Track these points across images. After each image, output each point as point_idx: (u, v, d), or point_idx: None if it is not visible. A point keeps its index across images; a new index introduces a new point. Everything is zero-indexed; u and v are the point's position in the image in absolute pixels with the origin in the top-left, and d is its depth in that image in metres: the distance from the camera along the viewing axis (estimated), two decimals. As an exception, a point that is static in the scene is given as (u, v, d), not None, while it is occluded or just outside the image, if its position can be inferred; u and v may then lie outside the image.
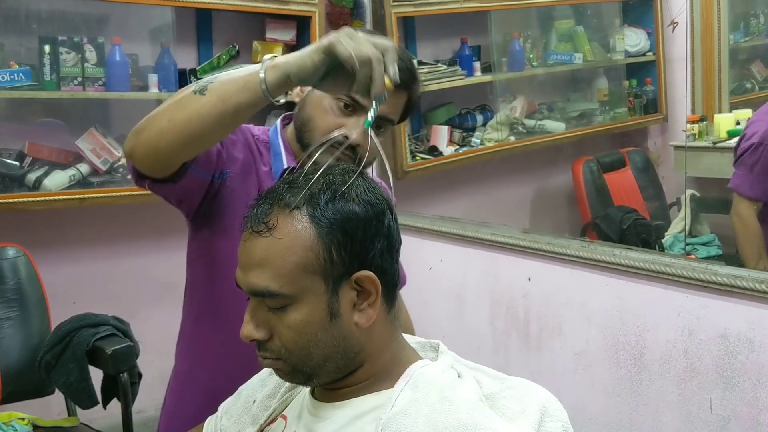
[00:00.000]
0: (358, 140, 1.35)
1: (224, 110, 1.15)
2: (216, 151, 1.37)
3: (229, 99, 1.14)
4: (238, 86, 1.14)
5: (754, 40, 3.68)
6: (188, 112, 1.17)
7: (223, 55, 3.02)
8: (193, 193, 1.38)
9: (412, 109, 1.47)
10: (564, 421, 1.00)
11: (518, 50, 3.64)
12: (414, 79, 1.43)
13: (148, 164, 1.30)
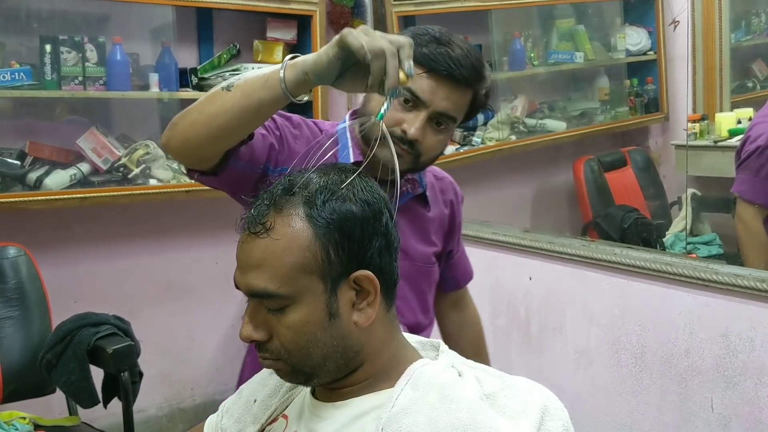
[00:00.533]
0: (414, 135, 1.37)
1: (247, 106, 1.20)
2: (267, 145, 1.39)
3: (252, 95, 1.19)
4: (260, 83, 1.18)
5: (755, 39, 3.68)
6: (215, 107, 1.23)
7: (224, 55, 3.02)
8: (239, 185, 1.38)
9: (478, 107, 1.46)
10: (565, 420, 1.00)
11: (519, 49, 3.64)
12: (478, 77, 1.41)
13: (181, 155, 1.38)
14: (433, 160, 1.47)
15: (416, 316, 1.62)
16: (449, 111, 1.40)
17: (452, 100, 1.39)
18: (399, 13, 3.12)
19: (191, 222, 3.08)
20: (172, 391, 3.12)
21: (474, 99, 1.43)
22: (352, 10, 3.14)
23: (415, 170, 1.49)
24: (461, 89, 1.39)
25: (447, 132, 1.44)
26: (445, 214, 1.66)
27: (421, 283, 1.62)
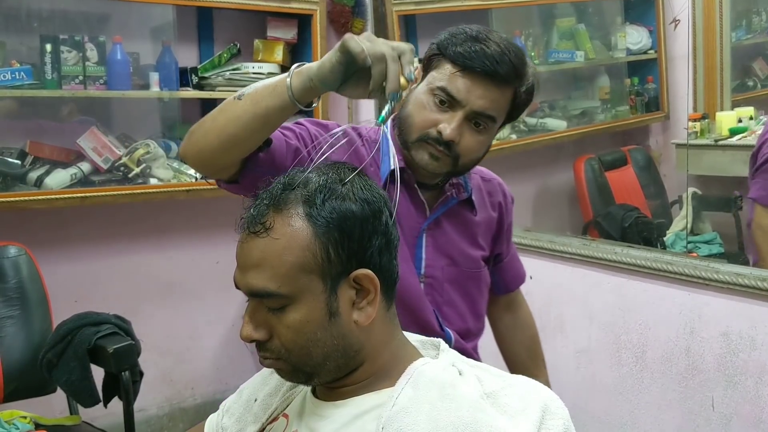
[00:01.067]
0: (450, 136, 1.34)
1: (255, 114, 1.21)
2: (292, 150, 1.36)
3: (260, 103, 1.20)
4: (268, 92, 1.20)
5: (756, 38, 3.67)
6: (226, 116, 1.24)
7: (224, 54, 3.02)
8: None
9: (520, 105, 1.42)
10: (565, 419, 1.00)
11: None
12: (517, 74, 1.36)
13: (198, 166, 1.36)
14: (474, 162, 1.43)
15: (466, 322, 1.58)
16: (487, 110, 1.35)
17: (489, 98, 1.35)
18: (399, 12, 3.12)
19: (192, 221, 3.08)
20: (172, 391, 3.13)
21: (515, 97, 1.39)
22: (352, 9, 3.14)
23: (456, 173, 1.45)
24: (499, 87, 1.35)
25: (487, 132, 1.39)
26: (493, 217, 1.62)
27: (470, 288, 1.58)
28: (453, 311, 1.55)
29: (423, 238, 1.50)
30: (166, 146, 2.88)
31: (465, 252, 1.55)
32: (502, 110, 1.39)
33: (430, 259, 1.51)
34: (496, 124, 1.40)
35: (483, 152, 1.43)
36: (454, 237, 1.53)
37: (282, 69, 3.07)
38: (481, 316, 1.64)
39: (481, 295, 1.62)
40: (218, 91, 2.93)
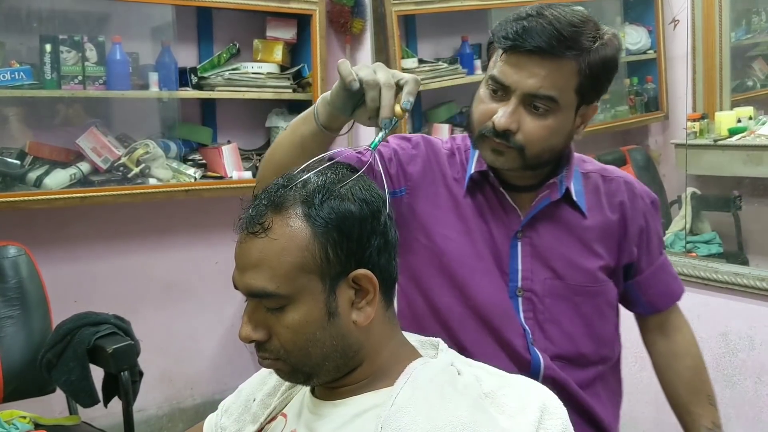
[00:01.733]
0: (502, 124, 1.21)
1: (293, 141, 1.26)
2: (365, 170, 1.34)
3: (296, 131, 1.26)
4: (302, 119, 1.26)
5: (756, 38, 3.67)
6: (276, 143, 1.31)
7: (223, 54, 3.03)
8: None
9: (593, 77, 1.23)
10: (564, 418, 1.01)
11: (519, 48, 3.64)
12: (569, 45, 1.19)
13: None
14: (546, 151, 1.26)
15: (576, 345, 1.36)
16: (540, 90, 1.20)
17: (540, 76, 1.20)
18: (399, 12, 3.12)
19: (191, 221, 3.08)
20: (172, 391, 3.13)
21: (580, 70, 1.21)
22: (351, 9, 3.14)
23: (528, 167, 1.28)
24: (549, 62, 1.19)
25: (552, 115, 1.23)
26: (612, 220, 1.39)
27: (582, 306, 1.36)
28: (558, 331, 1.35)
29: (518, 247, 1.35)
30: (166, 146, 2.88)
31: (573, 262, 1.35)
32: (564, 87, 1.22)
33: (527, 270, 1.35)
34: (561, 104, 1.22)
35: (551, 138, 1.25)
36: (557, 245, 1.36)
37: (281, 69, 3.07)
38: (607, 341, 1.41)
39: (601, 315, 1.39)
40: (217, 91, 2.94)
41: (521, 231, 1.35)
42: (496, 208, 1.36)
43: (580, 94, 1.24)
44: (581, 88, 1.24)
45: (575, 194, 1.37)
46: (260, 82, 2.99)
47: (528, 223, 1.35)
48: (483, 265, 1.34)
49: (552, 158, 1.30)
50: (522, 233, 1.35)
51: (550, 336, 1.35)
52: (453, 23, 3.47)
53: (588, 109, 1.29)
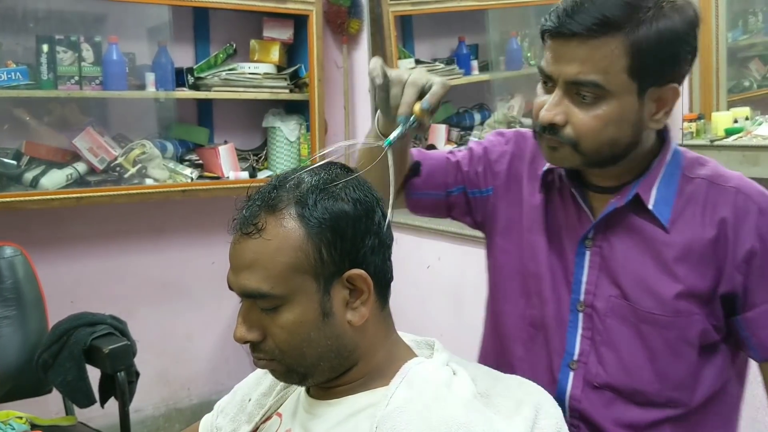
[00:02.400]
0: (544, 118, 1.10)
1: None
2: (452, 166, 1.35)
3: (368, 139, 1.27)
4: (374, 128, 1.26)
5: (752, 38, 3.67)
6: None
7: (220, 54, 3.02)
8: (433, 210, 1.39)
9: (642, 58, 1.05)
10: (558, 418, 1.01)
11: (516, 49, 3.64)
12: (609, 22, 1.04)
13: None
14: (603, 144, 1.10)
15: (634, 381, 1.16)
16: (581, 76, 1.06)
17: (579, 61, 1.06)
18: (396, 13, 3.12)
19: (187, 221, 3.08)
20: (168, 391, 3.12)
21: (628, 48, 1.05)
22: (348, 9, 3.14)
23: (592, 164, 1.14)
24: (589, 44, 1.05)
25: (601, 104, 1.08)
26: (705, 237, 1.13)
27: (648, 337, 1.15)
28: (614, 358, 1.17)
29: (585, 256, 1.20)
30: (162, 146, 2.88)
31: (644, 282, 1.15)
32: (610, 70, 1.06)
33: (591, 283, 1.19)
34: (610, 89, 1.07)
35: (613, 130, 1.09)
36: (628, 259, 1.17)
37: (278, 69, 3.07)
38: (679, 382, 1.16)
39: (672, 351, 1.15)
40: (214, 91, 2.94)
41: (590, 239, 1.19)
42: (569, 211, 1.23)
43: (635, 76, 1.07)
44: (634, 69, 1.06)
45: (654, 202, 1.15)
46: (257, 82, 2.99)
47: (599, 231, 1.19)
48: (548, 272, 1.23)
49: (621, 153, 1.12)
50: (592, 241, 1.19)
51: (604, 362, 1.17)
52: (450, 24, 3.47)
53: (662, 92, 1.10)
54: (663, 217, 1.15)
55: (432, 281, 2.91)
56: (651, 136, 1.17)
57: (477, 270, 2.87)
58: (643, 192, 1.16)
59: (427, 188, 1.36)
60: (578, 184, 1.22)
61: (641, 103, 1.09)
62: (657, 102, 1.11)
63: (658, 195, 1.16)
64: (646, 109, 1.10)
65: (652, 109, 1.11)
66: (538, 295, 1.23)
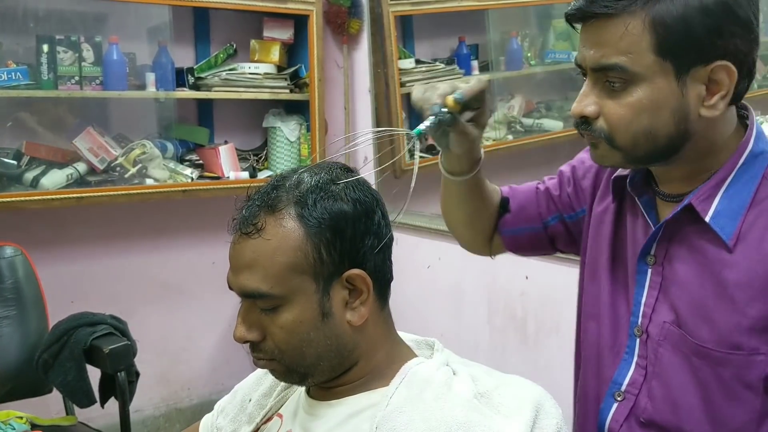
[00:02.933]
0: (575, 111, 1.01)
1: (448, 200, 1.33)
2: (543, 192, 1.29)
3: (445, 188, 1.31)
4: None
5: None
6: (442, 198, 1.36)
7: (220, 54, 3.02)
8: (536, 246, 1.30)
9: (670, 34, 0.92)
10: (558, 418, 1.01)
11: (516, 49, 3.64)
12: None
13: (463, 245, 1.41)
14: (638, 136, 0.97)
15: (681, 420, 1.02)
16: (604, 60, 0.95)
17: (600, 44, 0.96)
18: (396, 13, 3.12)
19: (188, 222, 3.08)
20: (169, 391, 3.12)
21: (650, 24, 0.93)
22: (348, 9, 3.14)
23: (635, 161, 1.01)
24: (608, 24, 0.95)
25: (631, 89, 0.95)
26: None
27: (701, 372, 1.00)
28: (663, 391, 1.03)
29: (647, 275, 1.05)
30: (163, 146, 2.88)
31: (701, 308, 0.99)
32: (633, 50, 0.94)
33: (649, 306, 1.04)
34: (638, 72, 0.94)
35: (649, 118, 0.96)
36: (689, 281, 1.01)
37: (278, 69, 3.07)
38: (735, 428, 0.99)
39: (728, 393, 0.99)
40: (214, 91, 2.93)
41: (652, 255, 1.05)
42: (637, 223, 1.09)
43: (666, 55, 0.93)
44: (663, 47, 0.93)
45: (714, 213, 0.98)
46: (257, 82, 2.99)
47: (662, 246, 1.04)
48: (607, 291, 1.11)
49: (666, 147, 0.97)
50: (654, 258, 1.05)
51: (653, 395, 1.04)
52: (450, 24, 3.47)
53: (710, 72, 0.94)
54: (724, 232, 0.98)
55: (432, 281, 2.91)
56: (725, 126, 1.00)
57: (477, 270, 2.88)
58: (699, 201, 0.99)
59: (519, 223, 1.28)
60: (647, 191, 1.07)
61: (682, 87, 0.94)
62: (707, 84, 0.95)
63: (723, 204, 0.98)
64: (691, 94, 0.95)
65: (701, 93, 0.95)
66: (596, 317, 1.13)
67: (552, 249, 1.30)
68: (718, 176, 1.00)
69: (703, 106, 0.96)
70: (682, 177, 1.03)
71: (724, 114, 0.98)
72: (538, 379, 1.07)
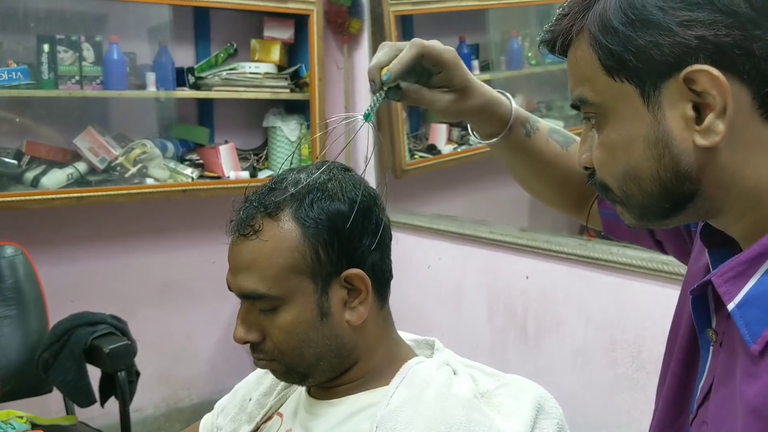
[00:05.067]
0: (577, 163, 0.82)
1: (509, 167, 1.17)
2: None
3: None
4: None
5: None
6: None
7: (221, 54, 3.02)
8: (637, 238, 1.06)
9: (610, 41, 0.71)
10: (559, 418, 1.01)
11: (516, 48, 3.64)
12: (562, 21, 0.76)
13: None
14: (620, 181, 0.75)
15: None
16: (572, 93, 0.79)
17: (569, 73, 0.79)
18: (396, 13, 3.12)
19: (188, 221, 3.08)
20: (169, 391, 3.12)
21: (590, 38, 0.72)
22: (349, 9, 3.14)
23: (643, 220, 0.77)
24: (569, 52, 0.78)
25: (602, 126, 0.76)
26: None
27: None
28: None
29: (708, 353, 0.79)
30: (163, 146, 2.88)
31: (721, 415, 0.74)
32: (588, 76, 0.74)
33: (706, 386, 0.78)
34: (598, 101, 0.75)
35: (623, 157, 0.74)
36: (722, 373, 0.76)
37: (279, 69, 3.07)
38: None
39: None
40: (215, 91, 2.93)
41: (713, 330, 0.78)
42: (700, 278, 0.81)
43: (616, 72, 0.72)
44: (608, 63, 0.72)
45: (744, 299, 0.70)
46: (257, 82, 2.99)
47: (722, 319, 0.76)
48: (671, 366, 0.89)
49: (661, 194, 0.73)
50: (715, 333, 0.77)
51: None
52: (451, 23, 3.47)
53: (684, 84, 0.68)
54: (751, 330, 0.68)
55: (432, 281, 2.91)
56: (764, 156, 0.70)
57: (477, 270, 2.88)
58: (724, 280, 0.71)
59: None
60: (726, 242, 0.78)
61: (654, 110, 0.71)
62: (694, 101, 0.69)
63: (761, 287, 0.69)
64: (671, 118, 0.70)
65: (687, 114, 0.69)
66: (657, 395, 0.90)
67: (658, 248, 1.05)
68: (764, 242, 0.69)
69: (696, 133, 0.69)
70: (743, 237, 0.74)
71: (752, 137, 0.69)
72: (538, 379, 1.07)
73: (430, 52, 0.93)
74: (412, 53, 0.92)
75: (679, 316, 0.91)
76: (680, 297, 0.93)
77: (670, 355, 0.90)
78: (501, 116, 1.02)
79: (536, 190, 1.13)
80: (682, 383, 0.86)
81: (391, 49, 0.93)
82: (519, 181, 1.14)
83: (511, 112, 1.03)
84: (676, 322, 0.91)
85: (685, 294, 0.90)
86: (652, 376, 2.27)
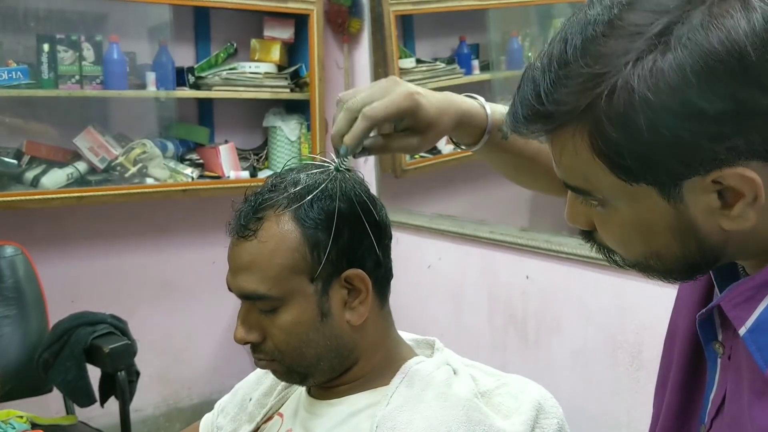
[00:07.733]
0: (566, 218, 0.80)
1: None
2: None
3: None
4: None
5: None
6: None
7: (221, 53, 3.02)
8: None
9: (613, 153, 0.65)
10: (559, 417, 1.01)
11: (517, 48, 3.64)
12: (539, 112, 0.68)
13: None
14: (642, 259, 0.73)
15: None
16: (567, 181, 0.73)
17: (554, 152, 0.72)
18: (396, 12, 3.12)
19: (188, 221, 3.08)
20: (169, 391, 3.12)
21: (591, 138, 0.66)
22: (349, 9, 3.13)
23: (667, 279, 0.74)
24: (551, 139, 0.71)
25: (609, 211, 0.71)
26: None
27: None
28: None
29: (716, 365, 0.78)
30: (163, 146, 2.88)
31: (753, 425, 0.69)
32: (589, 174, 0.68)
33: (718, 399, 0.77)
34: (606, 198, 0.70)
35: (642, 243, 0.71)
36: (737, 383, 0.74)
37: (279, 69, 3.07)
38: None
39: None
40: (215, 90, 2.93)
41: (719, 342, 0.77)
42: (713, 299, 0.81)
43: (631, 177, 0.66)
44: (620, 171, 0.66)
45: (756, 325, 0.69)
46: (257, 81, 2.99)
47: (728, 333, 0.76)
48: (672, 372, 0.88)
49: (686, 265, 0.72)
50: (722, 346, 0.77)
51: None
52: (451, 23, 3.47)
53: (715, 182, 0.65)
54: (764, 357, 0.68)
55: (432, 281, 2.91)
56: None
57: (477, 270, 2.88)
58: (734, 304, 0.71)
59: None
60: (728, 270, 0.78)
61: (675, 203, 0.67)
62: (720, 191, 0.65)
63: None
64: (695, 206, 0.67)
65: (712, 204, 0.66)
66: (667, 400, 0.88)
67: None
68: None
69: (723, 217, 0.66)
70: (751, 265, 0.74)
71: None
72: (539, 379, 1.07)
73: (384, 118, 0.91)
74: (363, 127, 0.90)
75: (675, 321, 0.90)
76: (676, 300, 0.92)
77: (668, 360, 0.89)
78: (477, 125, 1.01)
79: (525, 183, 1.12)
80: (687, 392, 0.85)
81: (347, 113, 0.91)
82: (506, 177, 1.12)
83: (487, 119, 1.01)
84: (673, 327, 0.90)
85: (681, 298, 0.90)
86: (652, 376, 2.27)
